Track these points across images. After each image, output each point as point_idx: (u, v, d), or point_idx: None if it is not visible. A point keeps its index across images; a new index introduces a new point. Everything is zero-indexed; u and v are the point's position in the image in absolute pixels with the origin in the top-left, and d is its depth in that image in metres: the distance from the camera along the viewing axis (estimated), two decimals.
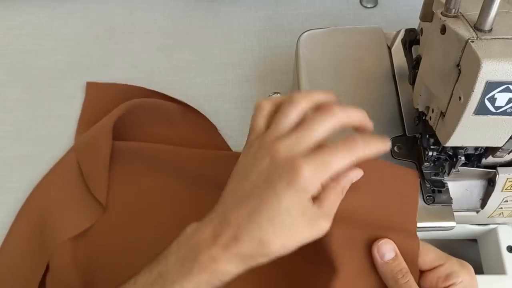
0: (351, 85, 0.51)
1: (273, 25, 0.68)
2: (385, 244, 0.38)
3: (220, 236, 0.35)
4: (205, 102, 0.62)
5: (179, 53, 0.66)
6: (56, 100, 0.62)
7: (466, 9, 0.36)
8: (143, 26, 0.68)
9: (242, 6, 0.70)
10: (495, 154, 0.40)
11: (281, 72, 0.64)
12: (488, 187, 0.44)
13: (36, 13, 0.69)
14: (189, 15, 0.69)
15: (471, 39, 0.33)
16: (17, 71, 0.64)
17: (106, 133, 0.54)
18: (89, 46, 0.66)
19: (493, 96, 0.33)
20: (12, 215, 0.54)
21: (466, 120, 0.35)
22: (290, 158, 0.35)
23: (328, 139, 0.37)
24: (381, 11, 0.69)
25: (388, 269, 0.37)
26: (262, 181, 0.36)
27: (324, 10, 0.69)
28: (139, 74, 0.64)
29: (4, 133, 0.59)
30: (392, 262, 0.37)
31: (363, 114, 0.38)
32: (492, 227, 0.48)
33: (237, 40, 0.67)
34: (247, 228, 0.35)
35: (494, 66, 0.32)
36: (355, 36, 0.55)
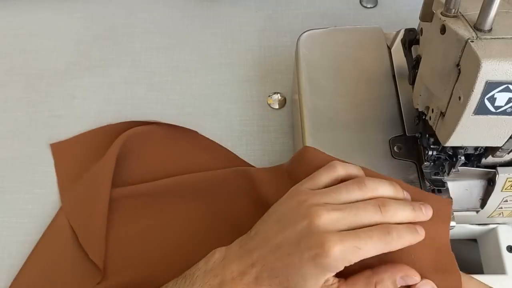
0: (351, 85, 0.51)
1: (273, 25, 0.68)
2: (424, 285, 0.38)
3: (244, 275, 0.38)
4: (205, 102, 0.62)
5: (179, 53, 0.66)
6: (56, 100, 0.62)
7: (466, 9, 0.36)
8: (143, 26, 0.68)
9: (242, 6, 0.70)
10: (495, 154, 0.40)
11: (281, 72, 0.64)
12: (488, 187, 0.44)
13: (36, 13, 0.69)
14: (189, 15, 0.69)
15: (471, 39, 0.33)
16: (17, 71, 0.64)
17: (100, 187, 0.52)
18: (89, 46, 0.66)
19: (493, 96, 0.33)
20: (12, 215, 0.54)
21: (466, 120, 0.35)
22: (326, 231, 0.36)
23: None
24: (381, 11, 0.69)
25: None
26: (294, 240, 0.37)
27: (324, 10, 0.69)
28: (139, 74, 0.64)
29: (4, 133, 0.59)
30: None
31: (417, 217, 0.38)
32: (492, 227, 0.48)
33: (237, 40, 0.67)
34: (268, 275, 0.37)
35: (494, 66, 0.32)
36: (355, 36, 0.55)
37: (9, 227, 0.53)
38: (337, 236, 0.35)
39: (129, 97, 0.62)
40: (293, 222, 0.38)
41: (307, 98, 0.51)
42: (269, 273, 0.37)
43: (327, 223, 0.36)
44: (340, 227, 0.36)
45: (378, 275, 0.37)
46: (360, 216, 0.37)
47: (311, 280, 0.36)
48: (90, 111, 0.61)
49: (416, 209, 0.38)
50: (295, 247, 0.36)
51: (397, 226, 0.37)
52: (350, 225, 0.36)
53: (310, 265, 0.36)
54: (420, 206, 0.39)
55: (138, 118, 0.59)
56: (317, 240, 0.35)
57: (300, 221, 0.37)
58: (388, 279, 0.37)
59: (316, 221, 0.36)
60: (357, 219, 0.37)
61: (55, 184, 0.56)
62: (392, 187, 0.39)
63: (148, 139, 0.57)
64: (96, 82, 0.63)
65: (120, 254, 0.50)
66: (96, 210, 0.51)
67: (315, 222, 0.36)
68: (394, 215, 0.37)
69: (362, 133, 0.48)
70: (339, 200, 0.38)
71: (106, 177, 0.52)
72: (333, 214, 0.36)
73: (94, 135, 0.58)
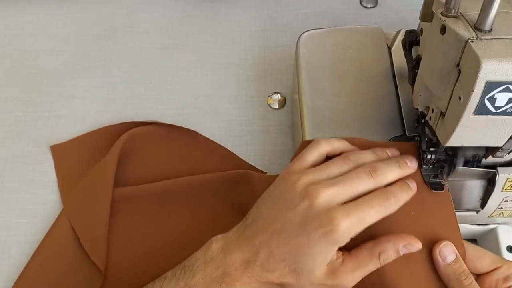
0: (351, 85, 0.51)
1: (273, 25, 0.68)
2: (446, 247, 0.39)
3: (249, 263, 0.38)
4: (205, 102, 0.62)
5: (179, 53, 0.66)
6: (56, 100, 0.62)
7: (466, 9, 0.36)
8: (143, 26, 0.68)
9: (242, 6, 0.70)
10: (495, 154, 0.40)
11: (281, 72, 0.64)
12: (488, 187, 0.44)
13: (36, 13, 0.69)
14: (189, 15, 0.69)
15: (471, 39, 0.33)
16: (17, 71, 0.64)
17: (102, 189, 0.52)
18: (89, 46, 0.66)
19: (493, 96, 0.33)
20: (12, 215, 0.54)
21: (466, 120, 0.35)
22: (329, 208, 0.37)
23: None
24: (381, 11, 0.69)
25: (451, 271, 0.39)
26: (298, 222, 0.38)
27: (324, 10, 0.69)
28: (139, 74, 0.64)
29: (4, 133, 0.59)
30: (454, 264, 0.39)
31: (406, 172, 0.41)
32: (492, 227, 0.48)
33: (237, 40, 0.67)
34: (273, 259, 0.37)
35: (494, 66, 0.32)
36: (355, 36, 0.55)
37: (9, 227, 0.53)
38: (343, 211, 0.37)
39: (129, 97, 0.62)
40: (292, 204, 0.38)
41: (307, 98, 0.51)
42: (275, 258, 0.38)
43: (328, 199, 0.37)
44: (340, 201, 0.38)
45: (381, 245, 0.38)
46: (356, 186, 0.38)
47: (320, 257, 0.37)
48: (90, 111, 0.61)
49: (402, 166, 0.41)
50: (301, 229, 0.37)
51: (393, 190, 0.39)
52: (348, 197, 0.38)
53: (320, 243, 0.37)
54: (404, 161, 0.41)
55: (138, 118, 0.59)
56: (324, 218, 0.37)
57: (300, 202, 0.38)
58: (391, 248, 0.38)
59: (316, 200, 0.37)
60: (353, 189, 0.38)
61: (55, 184, 0.56)
62: (374, 154, 0.42)
63: (148, 139, 0.57)
64: (96, 82, 0.63)
65: (122, 256, 0.50)
66: (98, 212, 0.51)
67: (316, 201, 0.37)
68: (385, 178, 0.40)
69: (362, 133, 0.48)
70: (330, 175, 0.40)
71: (108, 179, 0.52)
72: (331, 189, 0.38)
73: (94, 136, 0.58)
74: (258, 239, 0.38)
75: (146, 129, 0.58)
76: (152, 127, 0.58)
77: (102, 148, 0.56)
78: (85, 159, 0.56)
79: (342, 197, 0.38)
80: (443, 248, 0.39)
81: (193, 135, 0.58)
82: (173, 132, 0.58)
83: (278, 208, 0.39)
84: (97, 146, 0.57)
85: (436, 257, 0.39)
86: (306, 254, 0.37)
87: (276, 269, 0.38)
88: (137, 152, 0.56)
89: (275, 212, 0.39)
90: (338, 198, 0.38)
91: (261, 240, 0.38)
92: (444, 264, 0.39)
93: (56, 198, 0.55)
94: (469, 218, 0.47)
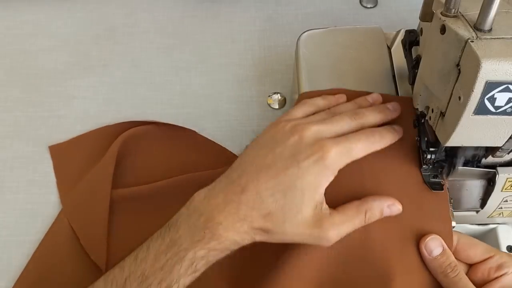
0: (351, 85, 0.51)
1: (273, 25, 0.68)
2: (433, 240, 0.40)
3: (233, 203, 0.37)
4: (205, 102, 0.62)
5: (179, 53, 0.66)
6: (56, 100, 0.62)
7: (466, 9, 0.36)
8: (143, 26, 0.68)
9: (242, 6, 0.70)
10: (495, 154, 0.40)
11: (281, 72, 0.64)
12: (488, 187, 0.44)
13: (36, 13, 0.69)
14: (189, 15, 0.69)
15: (471, 39, 0.33)
16: (17, 71, 0.64)
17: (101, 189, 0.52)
18: (89, 46, 0.66)
19: (493, 96, 0.33)
20: (12, 215, 0.54)
21: (465, 120, 0.35)
22: (318, 139, 0.39)
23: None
24: (381, 11, 0.69)
25: (437, 264, 0.39)
26: (287, 154, 0.38)
27: (324, 10, 0.69)
28: (139, 74, 0.64)
29: (4, 133, 0.59)
30: (440, 257, 0.39)
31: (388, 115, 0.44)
32: (492, 227, 0.48)
33: (237, 40, 0.67)
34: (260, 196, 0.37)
35: (494, 66, 0.32)
36: (355, 36, 0.55)
37: (9, 227, 0.53)
38: (332, 140, 0.39)
39: (129, 97, 0.62)
40: (281, 141, 0.39)
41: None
42: (262, 195, 0.37)
43: (316, 133, 0.39)
44: (329, 134, 0.40)
45: (368, 203, 0.40)
46: (341, 125, 0.41)
47: (309, 192, 0.37)
48: (90, 111, 0.61)
49: (382, 110, 0.44)
50: (291, 161, 0.38)
51: (378, 129, 0.42)
52: (335, 134, 0.40)
53: (311, 172, 0.37)
54: (385, 106, 0.44)
55: (138, 118, 0.59)
56: (314, 147, 0.38)
57: (289, 137, 0.39)
58: (377, 207, 0.40)
59: (306, 133, 0.39)
60: (338, 128, 0.40)
61: (55, 184, 0.56)
62: (355, 103, 0.45)
63: (147, 139, 0.57)
64: (96, 82, 0.63)
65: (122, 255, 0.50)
66: (97, 212, 0.51)
67: (305, 135, 0.39)
68: (366, 119, 0.42)
69: None
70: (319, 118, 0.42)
71: (106, 178, 0.52)
72: (318, 125, 0.40)
73: (93, 136, 0.58)
74: (245, 178, 0.38)
75: (145, 129, 0.58)
76: (151, 126, 0.58)
77: (101, 148, 0.56)
78: (83, 159, 0.56)
79: (329, 133, 0.40)
80: (429, 242, 0.40)
81: (192, 134, 0.58)
82: (172, 131, 0.58)
83: (267, 148, 0.39)
84: (95, 146, 0.57)
85: (422, 250, 0.40)
86: (296, 187, 0.37)
87: (262, 207, 0.37)
88: (136, 152, 0.56)
89: (263, 152, 0.39)
90: (325, 133, 0.40)
91: (247, 178, 0.38)
92: (430, 258, 0.40)
93: (56, 198, 0.55)
94: (469, 218, 0.47)
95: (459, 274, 0.39)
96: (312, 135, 0.39)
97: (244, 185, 0.38)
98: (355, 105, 0.45)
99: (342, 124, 0.41)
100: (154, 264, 0.37)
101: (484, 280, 0.40)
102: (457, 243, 0.41)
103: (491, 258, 0.40)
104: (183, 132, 0.58)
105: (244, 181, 0.38)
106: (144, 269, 0.38)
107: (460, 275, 0.39)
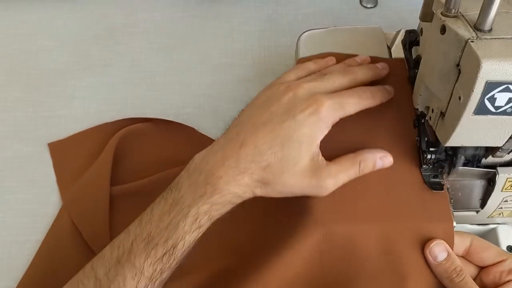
0: None
1: (273, 25, 0.68)
2: (437, 246, 0.40)
3: (232, 158, 0.39)
4: (205, 102, 0.62)
5: (179, 53, 0.66)
6: (56, 100, 0.62)
7: (466, 9, 0.36)
8: (143, 26, 0.68)
9: (242, 6, 0.70)
10: (495, 154, 0.40)
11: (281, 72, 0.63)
12: (488, 187, 0.44)
13: (36, 13, 0.69)
14: (189, 15, 0.69)
15: (471, 39, 0.33)
16: (17, 71, 0.64)
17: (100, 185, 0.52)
18: (89, 46, 0.66)
19: (493, 96, 0.33)
20: (12, 215, 0.54)
21: (466, 120, 0.35)
22: (312, 94, 0.41)
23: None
24: (381, 11, 0.69)
25: (442, 270, 0.40)
26: (283, 110, 0.40)
27: (324, 10, 0.69)
28: (139, 74, 0.64)
29: (4, 133, 0.59)
30: (445, 262, 0.40)
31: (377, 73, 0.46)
32: (492, 227, 0.48)
33: (237, 40, 0.67)
34: (259, 150, 0.39)
35: (494, 66, 0.32)
36: (355, 36, 0.55)
37: (9, 227, 0.53)
38: (325, 95, 0.40)
39: (129, 97, 0.62)
40: (276, 99, 0.41)
41: None
42: (260, 148, 0.39)
43: (309, 89, 0.41)
44: (322, 90, 0.41)
45: (362, 155, 0.42)
46: (332, 81, 0.42)
47: (306, 143, 0.39)
48: (90, 111, 0.61)
49: (371, 68, 0.46)
50: (287, 115, 0.39)
51: (370, 88, 0.44)
52: (327, 90, 0.42)
53: (306, 124, 0.39)
54: (374, 65, 0.46)
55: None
56: (309, 101, 0.40)
57: (283, 96, 0.41)
58: (370, 158, 0.42)
59: (299, 90, 0.41)
60: (330, 85, 0.42)
61: (55, 184, 0.56)
62: (344, 64, 0.47)
63: (145, 135, 0.57)
64: (96, 82, 0.63)
65: None
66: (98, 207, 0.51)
67: (299, 91, 0.41)
68: (357, 76, 0.44)
69: None
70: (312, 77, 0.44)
71: (105, 174, 0.53)
72: (311, 83, 0.42)
73: (92, 133, 0.58)
74: (243, 135, 0.40)
75: (143, 126, 0.58)
76: (149, 123, 0.58)
77: (99, 145, 0.56)
78: (83, 156, 0.56)
79: (322, 89, 0.41)
80: (434, 247, 0.40)
81: (190, 131, 0.58)
82: (170, 128, 0.58)
83: (262, 107, 0.41)
84: (94, 143, 0.57)
85: (427, 256, 0.40)
86: (292, 139, 0.39)
87: (261, 159, 0.38)
88: (135, 148, 0.57)
89: (260, 111, 0.41)
90: (318, 90, 0.41)
91: (245, 135, 0.39)
92: (435, 263, 0.40)
93: (56, 198, 0.55)
94: (469, 218, 0.47)
95: (465, 279, 0.39)
96: (306, 91, 0.41)
97: (242, 140, 0.39)
98: (344, 65, 0.47)
99: (334, 81, 0.42)
100: (159, 225, 0.39)
101: (495, 283, 0.40)
102: (471, 245, 0.41)
103: (503, 262, 0.41)
104: (181, 129, 0.58)
105: (242, 137, 0.39)
106: (150, 230, 0.39)
107: (465, 280, 0.39)
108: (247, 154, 0.39)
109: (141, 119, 0.58)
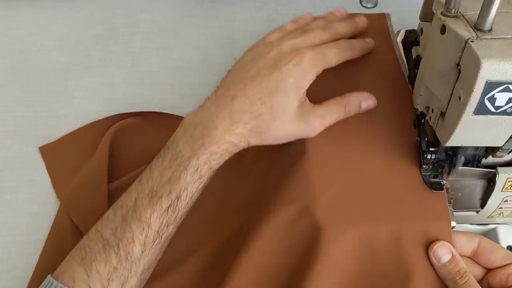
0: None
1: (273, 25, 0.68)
2: (441, 247, 0.40)
3: (225, 109, 0.41)
4: None
5: (179, 53, 0.66)
6: (56, 100, 0.62)
7: (466, 9, 0.36)
8: (143, 26, 0.68)
9: (242, 6, 0.70)
10: (495, 154, 0.40)
11: None
12: (488, 187, 0.44)
13: (36, 13, 0.69)
14: (189, 15, 0.69)
15: (471, 39, 0.33)
16: (17, 71, 0.64)
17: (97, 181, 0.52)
18: (89, 46, 0.66)
19: (493, 96, 0.33)
20: (12, 215, 0.54)
21: (466, 120, 0.35)
22: (295, 48, 0.43)
23: None
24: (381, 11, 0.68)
25: (446, 271, 0.40)
26: (269, 64, 0.43)
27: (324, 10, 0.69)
28: (139, 74, 0.64)
29: (4, 133, 0.59)
30: (449, 264, 0.39)
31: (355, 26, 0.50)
32: (492, 227, 0.48)
33: (237, 40, 0.67)
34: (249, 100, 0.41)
35: (494, 66, 0.32)
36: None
37: (9, 227, 0.53)
38: (307, 48, 0.43)
39: (129, 97, 0.62)
40: (262, 56, 0.44)
41: None
42: (251, 99, 0.41)
43: (293, 44, 0.44)
44: (305, 45, 0.44)
45: (347, 97, 0.45)
46: (314, 37, 0.45)
47: (293, 91, 0.42)
48: (89, 111, 0.61)
49: (350, 21, 0.49)
50: (273, 68, 0.42)
51: (350, 40, 0.47)
52: (313, 42, 0.45)
53: (292, 74, 0.42)
54: (353, 18, 0.50)
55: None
56: (292, 54, 0.43)
57: (268, 53, 0.44)
58: (355, 100, 0.45)
59: (283, 45, 0.44)
60: (311, 40, 0.45)
61: None
62: (323, 19, 0.50)
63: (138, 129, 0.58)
64: (96, 82, 0.63)
65: None
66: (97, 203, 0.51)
67: (283, 46, 0.44)
68: (337, 29, 0.47)
69: None
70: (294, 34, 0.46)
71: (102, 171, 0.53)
72: (294, 40, 0.45)
73: (83, 132, 0.58)
74: (233, 90, 0.42)
75: (135, 120, 0.58)
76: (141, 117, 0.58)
77: (92, 143, 0.56)
78: (76, 156, 0.56)
79: (304, 44, 0.44)
80: (437, 249, 0.40)
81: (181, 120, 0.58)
82: (162, 119, 0.58)
83: (249, 65, 0.44)
84: (87, 141, 0.57)
85: (430, 257, 0.40)
86: (280, 88, 0.41)
87: (253, 110, 0.41)
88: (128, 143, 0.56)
89: (247, 68, 0.43)
90: (301, 44, 0.44)
91: (235, 89, 0.42)
92: (438, 265, 0.40)
93: (56, 198, 0.55)
94: (469, 218, 0.47)
95: (469, 281, 0.39)
96: (289, 47, 0.44)
97: (233, 95, 0.42)
98: (325, 20, 0.50)
99: (315, 36, 0.45)
100: (161, 179, 0.41)
101: (502, 286, 0.40)
102: (478, 246, 0.41)
103: (511, 264, 0.40)
104: (173, 119, 0.58)
105: (233, 92, 0.42)
106: (152, 186, 0.41)
107: (469, 282, 0.39)
108: (239, 106, 0.41)
109: (132, 114, 0.58)
